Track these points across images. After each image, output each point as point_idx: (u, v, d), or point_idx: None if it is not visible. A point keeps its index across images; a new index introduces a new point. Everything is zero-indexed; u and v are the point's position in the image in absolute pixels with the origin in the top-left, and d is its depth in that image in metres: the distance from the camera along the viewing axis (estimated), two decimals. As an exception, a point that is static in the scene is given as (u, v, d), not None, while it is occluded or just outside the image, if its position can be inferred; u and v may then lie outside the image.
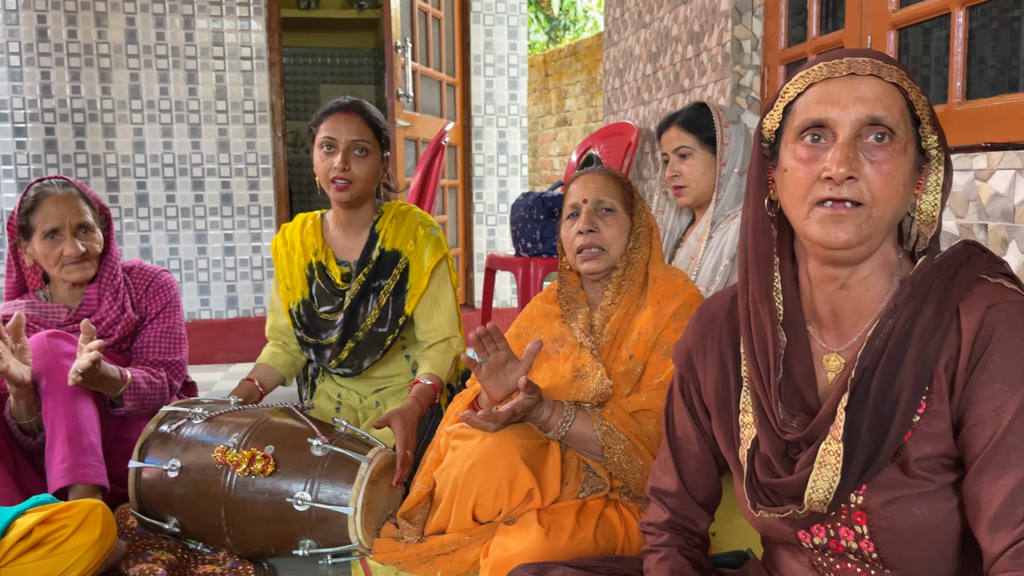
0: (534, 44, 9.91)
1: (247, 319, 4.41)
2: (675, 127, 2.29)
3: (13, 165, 4.12)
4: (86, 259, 2.10)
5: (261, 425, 1.79)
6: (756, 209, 1.06)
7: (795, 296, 1.05)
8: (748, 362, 1.06)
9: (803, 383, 1.03)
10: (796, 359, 1.04)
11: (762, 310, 1.03)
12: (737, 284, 1.11)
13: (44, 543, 1.50)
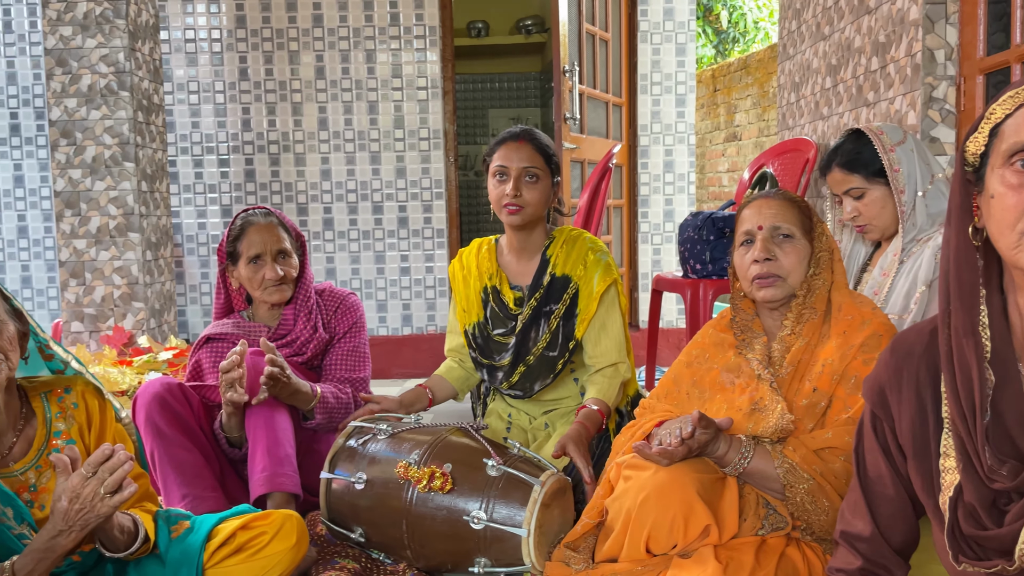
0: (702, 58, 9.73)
1: (420, 336, 4.61)
2: (837, 170, 2.10)
3: (218, 193, 4.54)
4: (284, 282, 2.29)
5: (440, 443, 1.86)
6: (959, 238, 0.99)
7: (1005, 332, 0.97)
8: (950, 402, 0.99)
9: (1015, 427, 0.95)
10: (1007, 401, 0.95)
11: (967, 346, 0.96)
12: (937, 317, 1.03)
13: (245, 548, 1.63)
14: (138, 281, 3.71)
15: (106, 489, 1.36)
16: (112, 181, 3.67)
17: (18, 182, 4.50)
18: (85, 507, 1.36)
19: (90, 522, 1.37)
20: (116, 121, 3.65)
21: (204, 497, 1.99)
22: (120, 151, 3.66)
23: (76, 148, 3.66)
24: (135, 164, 3.68)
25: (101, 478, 1.36)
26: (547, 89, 7.44)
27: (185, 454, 2.04)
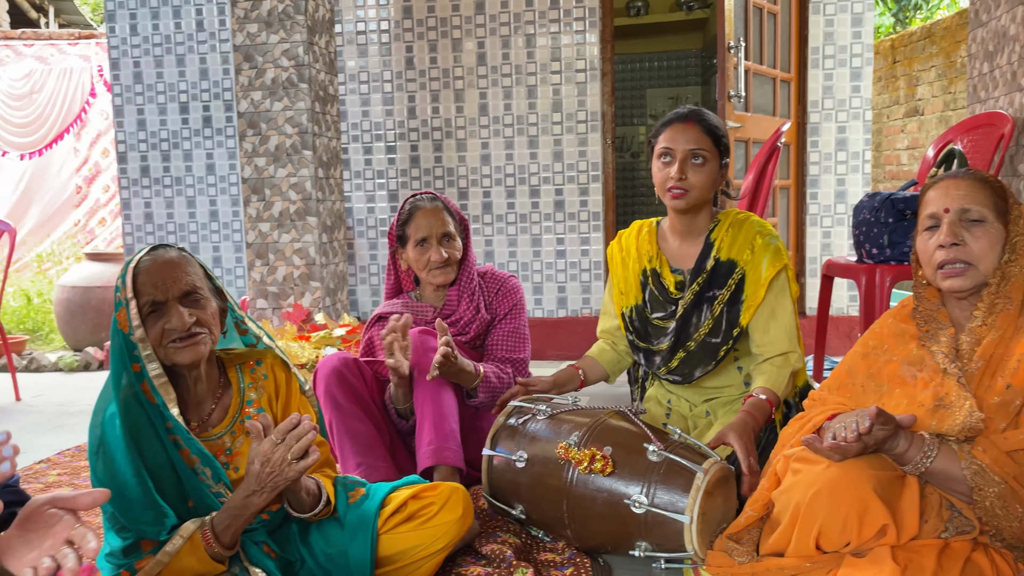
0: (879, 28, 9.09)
1: (575, 319, 4.63)
2: None
3: (385, 179, 4.76)
4: (448, 264, 2.37)
5: (599, 426, 1.88)
6: None
7: None
8: None
9: None
10: None
11: None
12: None
13: (416, 517, 1.72)
14: (315, 262, 3.96)
15: (293, 455, 1.47)
16: (292, 168, 3.93)
17: (210, 170, 4.91)
18: (275, 471, 1.48)
19: (279, 484, 1.49)
20: (296, 112, 3.90)
21: (377, 466, 2.12)
22: (299, 140, 3.91)
23: (261, 138, 3.94)
24: (312, 152, 3.92)
25: (289, 444, 1.48)
26: (708, 67, 7.21)
27: (359, 425, 2.17)
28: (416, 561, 1.68)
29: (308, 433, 1.48)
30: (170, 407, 1.54)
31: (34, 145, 7.64)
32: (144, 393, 1.54)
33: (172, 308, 1.54)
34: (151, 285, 1.53)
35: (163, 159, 4.94)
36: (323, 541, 1.67)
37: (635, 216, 2.53)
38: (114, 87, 4.97)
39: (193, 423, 1.63)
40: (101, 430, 1.52)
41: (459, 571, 1.82)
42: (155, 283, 1.54)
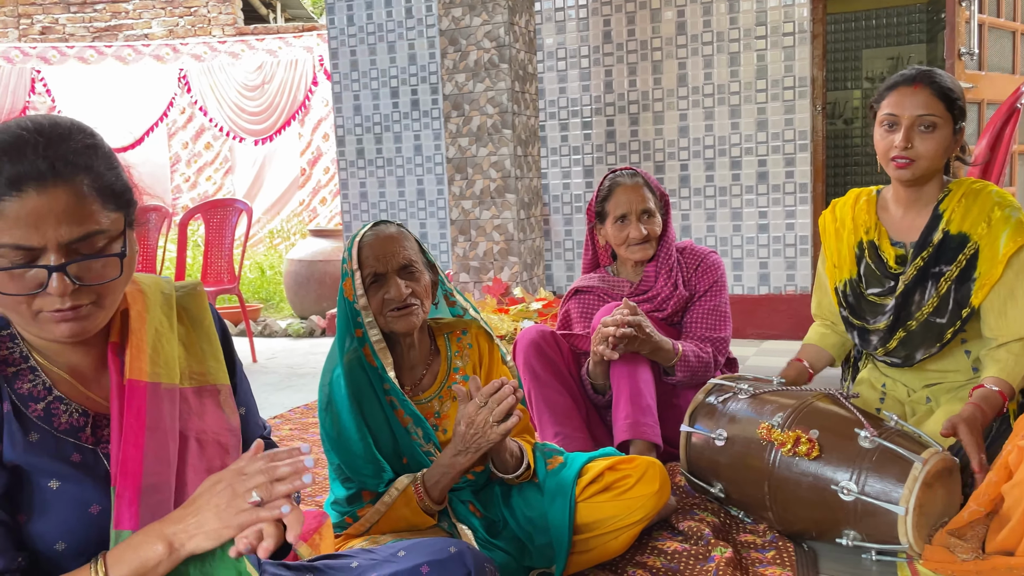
0: None
1: (778, 296, 4.44)
2: None
3: (581, 155, 4.79)
4: (647, 241, 2.36)
5: (805, 408, 1.80)
6: None
7: None
8: None
9: None
10: None
11: None
12: None
13: (612, 488, 1.74)
14: (513, 238, 4.09)
15: (495, 417, 1.55)
16: (493, 147, 4.06)
17: (417, 151, 5.18)
18: (478, 432, 1.56)
19: (482, 446, 1.57)
20: (497, 92, 4.02)
21: (573, 437, 2.16)
22: (500, 119, 4.03)
23: (464, 118, 4.11)
24: (512, 131, 4.02)
25: (491, 407, 1.55)
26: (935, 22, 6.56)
27: (557, 396, 2.23)
28: (612, 531, 1.70)
29: (509, 397, 1.55)
30: (388, 370, 1.66)
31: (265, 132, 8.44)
32: (365, 357, 1.68)
33: (391, 280, 1.66)
34: (373, 258, 1.66)
35: (376, 141, 5.27)
36: (524, 504, 1.74)
37: (847, 187, 2.37)
38: (333, 75, 5.37)
39: (406, 387, 1.75)
40: (329, 389, 1.68)
41: (655, 544, 1.83)
42: (377, 256, 1.66)
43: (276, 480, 0.93)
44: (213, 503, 0.93)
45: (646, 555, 1.80)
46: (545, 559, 1.68)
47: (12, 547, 0.92)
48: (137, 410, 1.00)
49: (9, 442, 0.94)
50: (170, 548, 0.92)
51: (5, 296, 0.92)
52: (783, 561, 1.73)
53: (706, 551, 1.76)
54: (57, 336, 0.95)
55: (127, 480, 0.96)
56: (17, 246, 0.90)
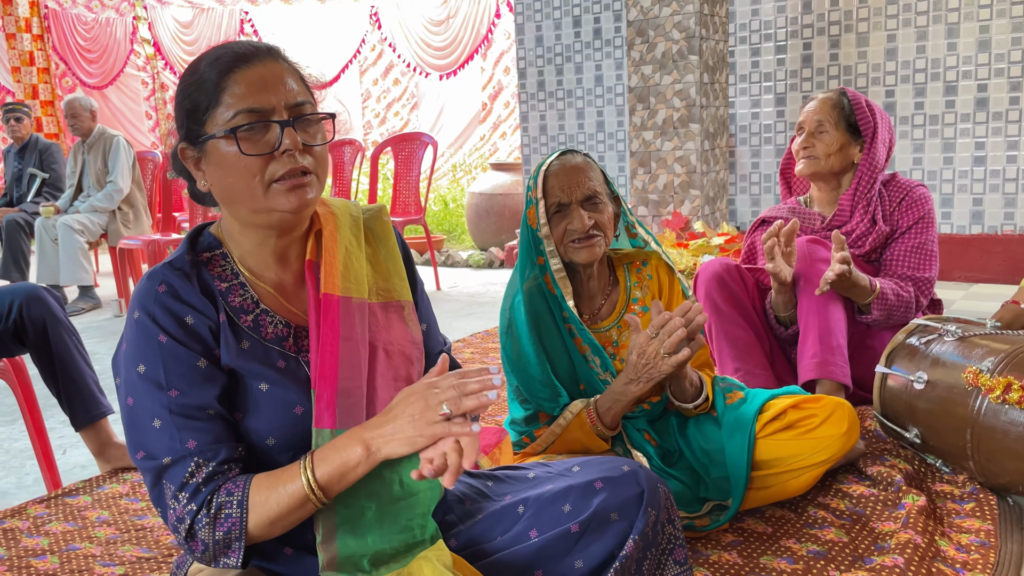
0: None
1: (992, 236, 4.03)
2: None
3: (772, 81, 4.51)
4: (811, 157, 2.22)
5: (1021, 354, 1.64)
6: None
7: None
8: None
9: None
10: None
11: None
12: None
13: (795, 426, 1.68)
14: (695, 170, 3.96)
15: (665, 349, 1.52)
16: (678, 75, 3.92)
17: (598, 81, 5.10)
18: (649, 363, 1.55)
19: (653, 376, 1.55)
20: (683, 16, 3.85)
21: (755, 373, 2.10)
22: (686, 45, 3.87)
23: (648, 45, 3.98)
24: (699, 57, 3.86)
25: (662, 339, 1.53)
26: None
27: (739, 331, 2.16)
28: (794, 470, 1.65)
29: (679, 329, 1.52)
30: (567, 299, 1.68)
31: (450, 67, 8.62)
32: (546, 284, 1.70)
33: (574, 211, 1.66)
34: (558, 188, 1.66)
35: (557, 73, 5.24)
36: (700, 436, 1.72)
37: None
38: (516, 6, 5.36)
39: (585, 316, 1.76)
40: (511, 314, 1.73)
41: (840, 487, 1.76)
42: (562, 186, 1.66)
43: (465, 395, 0.98)
44: (408, 412, 1.00)
45: (829, 497, 1.73)
46: (721, 492, 1.66)
47: (233, 439, 1.05)
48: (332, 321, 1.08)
49: (225, 348, 1.06)
50: (368, 451, 1.00)
51: (242, 169, 1.03)
52: (984, 514, 1.61)
53: (896, 498, 1.67)
54: (286, 207, 1.05)
55: (325, 384, 1.06)
56: (251, 109, 1.03)
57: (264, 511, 1.00)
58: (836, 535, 1.59)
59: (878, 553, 1.49)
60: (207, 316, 1.06)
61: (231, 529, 1.00)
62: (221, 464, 1.02)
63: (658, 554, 1.19)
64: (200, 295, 1.07)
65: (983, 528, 1.56)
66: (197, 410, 1.02)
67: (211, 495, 1.00)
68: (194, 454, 1.01)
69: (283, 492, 1.00)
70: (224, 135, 1.03)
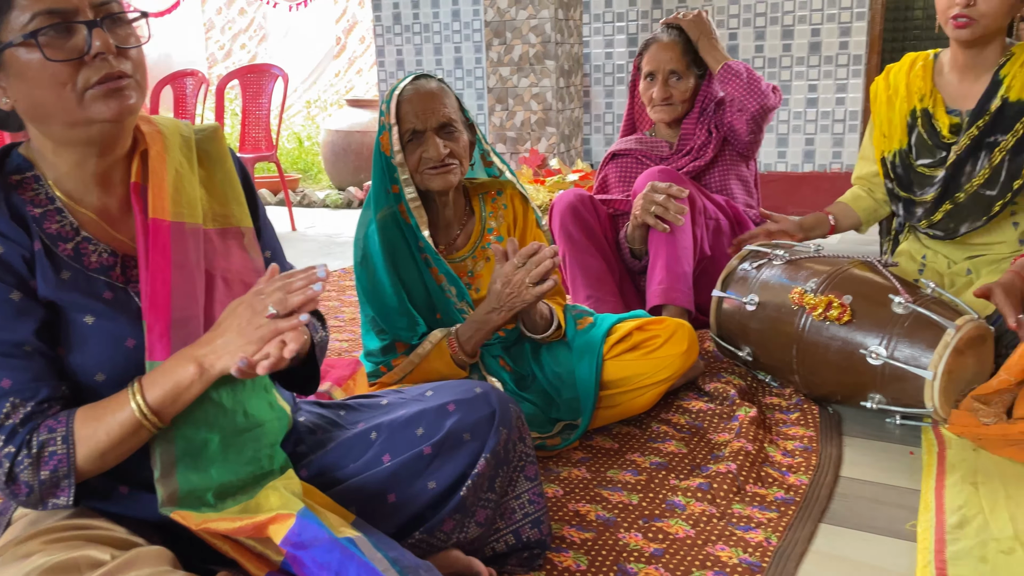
0: None
1: (822, 174, 4.32)
2: None
3: (625, 22, 4.59)
4: (669, 103, 2.32)
5: (840, 274, 1.78)
6: None
7: None
8: None
9: None
10: None
11: None
12: None
13: (640, 347, 1.77)
14: (551, 107, 3.99)
15: (531, 279, 1.56)
16: (533, 10, 3.91)
17: (455, 16, 5.01)
18: (514, 292, 1.57)
19: (516, 305, 1.59)
20: (538, -50, 3.83)
21: (605, 300, 2.18)
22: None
23: (503, -21, 3.94)
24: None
25: (529, 269, 1.56)
26: None
27: (591, 259, 2.23)
28: (639, 388, 1.74)
29: (547, 260, 1.55)
30: (422, 228, 1.67)
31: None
32: (400, 214, 1.68)
33: (429, 138, 1.63)
34: (413, 115, 1.63)
35: (413, 6, 5.11)
36: (552, 360, 1.78)
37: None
38: (368, -66, 5.15)
39: (441, 246, 1.76)
40: (364, 243, 1.70)
41: (681, 404, 1.87)
42: (416, 113, 1.63)
43: (290, 292, 0.96)
44: (235, 323, 0.96)
45: (671, 413, 1.84)
46: (572, 412, 1.73)
47: (54, 376, 0.97)
48: (162, 248, 1.02)
49: (42, 278, 0.98)
50: (200, 369, 0.96)
51: (49, 79, 0.93)
52: (807, 422, 1.76)
53: (731, 411, 1.79)
54: (106, 115, 0.96)
55: (157, 314, 1.00)
56: (51, 11, 0.92)
57: (93, 443, 0.94)
58: (676, 447, 1.69)
59: (713, 461, 1.60)
60: (19, 244, 0.97)
61: (58, 467, 0.94)
62: (41, 404, 0.95)
63: (509, 471, 1.23)
64: (10, 221, 0.98)
65: (806, 435, 1.71)
66: (12, 347, 0.95)
67: (30, 435, 0.93)
68: (10, 393, 0.94)
69: (112, 421, 0.95)
70: (22, 41, 0.92)
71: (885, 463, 1.60)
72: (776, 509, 1.43)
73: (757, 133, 2.30)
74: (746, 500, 1.46)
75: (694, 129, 2.36)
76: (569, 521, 1.42)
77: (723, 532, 1.36)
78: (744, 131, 2.27)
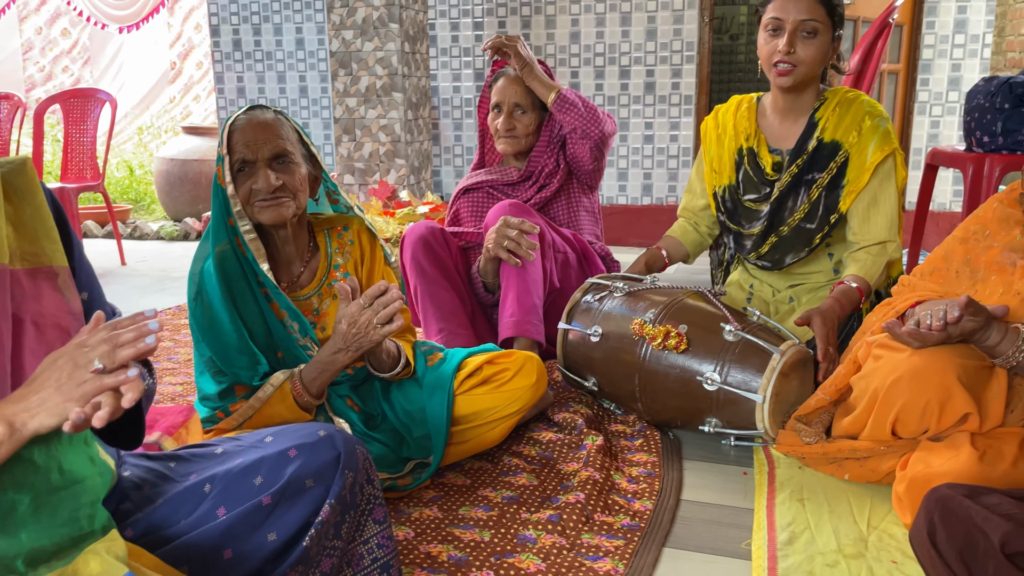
0: None
1: (659, 207, 4.55)
2: None
3: (472, 56, 4.67)
4: (512, 135, 2.41)
5: (676, 304, 1.87)
6: None
7: None
8: None
9: None
10: None
11: None
12: None
13: (490, 381, 1.77)
14: (400, 139, 3.98)
15: (379, 319, 1.53)
16: (379, 42, 3.90)
17: (300, 44, 4.91)
18: (360, 332, 1.54)
19: (363, 345, 1.55)
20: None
21: (457, 333, 2.18)
22: (386, 12, 3.85)
23: (348, 9, 3.91)
24: (399, 25, 3.86)
25: (376, 309, 1.53)
26: (820, -59, 6.67)
27: (443, 293, 2.22)
28: (490, 422, 1.74)
29: (395, 301, 1.53)
30: (259, 262, 1.60)
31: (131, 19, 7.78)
32: (239, 247, 1.61)
33: (260, 169, 1.57)
34: (243, 145, 1.57)
35: (254, 32, 4.96)
36: (403, 398, 1.75)
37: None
38: (205, -42, 4.97)
39: (283, 283, 1.70)
40: (200, 278, 1.61)
41: (531, 435, 1.89)
42: (247, 143, 1.57)
43: (119, 346, 0.88)
44: (54, 378, 0.87)
45: (522, 445, 1.85)
46: (423, 450, 1.70)
47: None
48: None
49: None
50: (11, 429, 0.86)
51: None
52: (650, 448, 1.82)
53: (579, 440, 1.83)
54: None
55: None
56: None
57: None
58: (528, 479, 1.70)
59: (563, 492, 1.63)
60: None
61: None
62: None
63: (357, 516, 1.19)
64: None
65: (649, 460, 1.77)
66: None
67: None
68: None
69: None
70: None
71: (722, 484, 1.69)
72: (623, 536, 1.46)
73: (600, 160, 2.40)
74: (595, 529, 1.49)
75: (541, 159, 2.43)
76: (420, 564, 1.39)
77: (573, 563, 1.38)
78: (588, 159, 2.37)
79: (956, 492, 1.11)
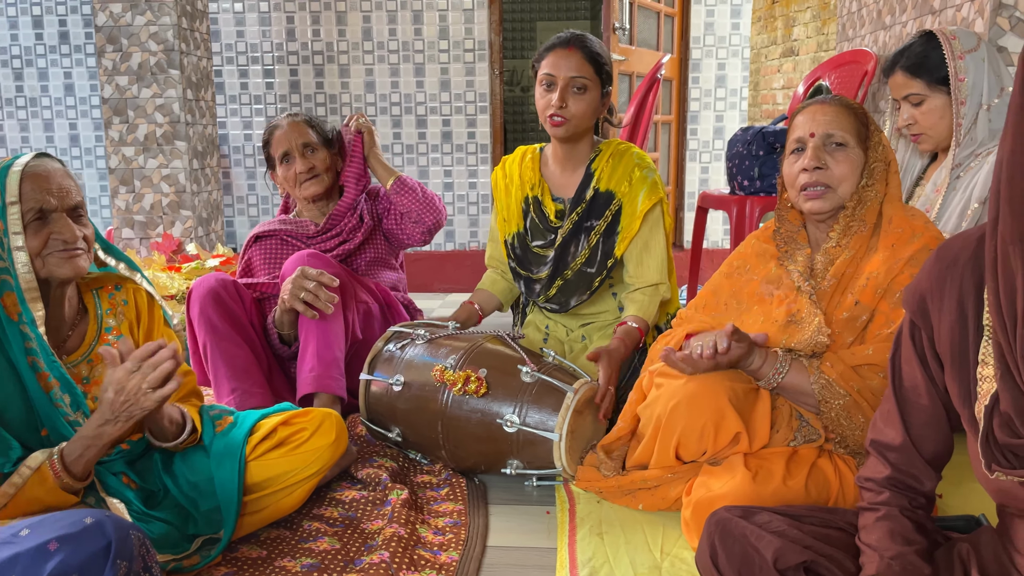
0: (760, -31, 9.25)
1: (463, 252, 4.62)
2: (900, 73, 2.03)
3: (263, 104, 4.54)
4: (314, 175, 2.38)
5: (476, 349, 1.89)
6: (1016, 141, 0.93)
7: None
8: (992, 310, 0.96)
9: (1056, 338, 0.91)
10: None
11: (1013, 254, 0.92)
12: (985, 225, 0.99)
13: (286, 443, 1.67)
14: (185, 189, 3.77)
15: (149, 384, 1.39)
16: (158, 88, 3.69)
17: (68, 90, 4.55)
18: (129, 400, 1.39)
19: (135, 414, 1.41)
20: (160, 27, 3.64)
21: (252, 392, 2.06)
22: (165, 58, 3.66)
23: (122, 55, 3.67)
24: (180, 71, 3.68)
25: (145, 373, 1.39)
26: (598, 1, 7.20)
27: (236, 349, 2.10)
28: (287, 487, 1.64)
29: (166, 361, 1.41)
30: (38, 324, 1.43)
31: None
32: (4, 309, 1.43)
33: (62, 219, 1.45)
34: (44, 192, 1.43)
35: (16, 78, 4.54)
36: (188, 469, 1.62)
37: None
38: (-47, -6, 4.50)
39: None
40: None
41: (333, 495, 1.81)
42: (49, 191, 1.44)
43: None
44: None
45: (324, 507, 1.77)
46: (212, 524, 1.58)
47: None
48: None
49: None
50: None
51: None
52: (456, 496, 1.81)
53: (383, 495, 1.78)
54: None
55: None
56: None
57: None
58: (330, 543, 1.62)
59: (367, 552, 1.57)
60: None
61: None
62: None
63: (132, 608, 1.07)
64: None
65: (455, 509, 1.75)
66: None
67: None
68: None
69: None
70: None
71: (527, 526, 1.70)
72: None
73: (428, 241, 2.44)
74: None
75: (345, 213, 2.38)
76: (210, 650, 1.27)
77: (378, 627, 1.32)
78: (419, 241, 2.44)
79: (732, 514, 1.18)
